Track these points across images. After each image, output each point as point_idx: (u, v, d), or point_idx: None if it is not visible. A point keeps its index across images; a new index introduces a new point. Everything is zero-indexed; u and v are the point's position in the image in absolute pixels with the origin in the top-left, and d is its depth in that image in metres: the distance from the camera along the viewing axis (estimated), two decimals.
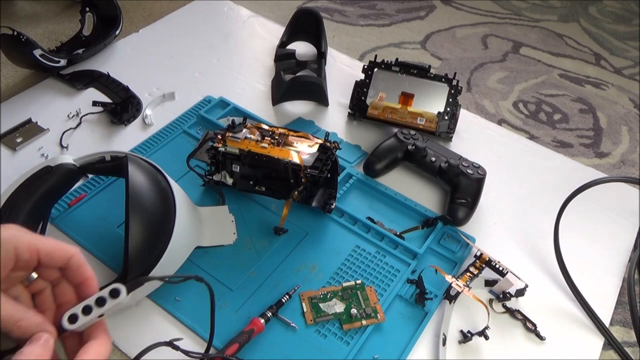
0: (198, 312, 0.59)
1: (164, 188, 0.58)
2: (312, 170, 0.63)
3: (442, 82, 0.82)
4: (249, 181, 0.67)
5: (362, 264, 0.66)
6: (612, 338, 0.62)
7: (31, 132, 0.79)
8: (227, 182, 0.68)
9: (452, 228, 0.70)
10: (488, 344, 0.59)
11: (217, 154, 0.66)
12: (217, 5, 1.10)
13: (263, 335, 0.58)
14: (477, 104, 0.98)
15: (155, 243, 0.55)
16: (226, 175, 0.68)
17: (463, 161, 0.74)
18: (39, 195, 0.60)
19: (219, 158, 0.66)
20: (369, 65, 0.84)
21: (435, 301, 0.62)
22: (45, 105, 0.84)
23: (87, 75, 0.89)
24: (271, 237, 0.67)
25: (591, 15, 1.30)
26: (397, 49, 1.10)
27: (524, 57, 1.13)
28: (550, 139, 0.92)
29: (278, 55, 0.95)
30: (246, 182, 0.67)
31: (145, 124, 0.82)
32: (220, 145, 0.65)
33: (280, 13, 1.13)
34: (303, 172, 0.63)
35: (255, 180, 0.67)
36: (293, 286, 0.62)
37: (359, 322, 0.59)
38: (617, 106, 1.02)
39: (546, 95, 1.02)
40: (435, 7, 1.26)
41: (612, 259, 0.71)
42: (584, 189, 0.69)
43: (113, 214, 0.67)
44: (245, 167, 0.66)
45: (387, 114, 0.82)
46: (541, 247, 0.71)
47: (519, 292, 0.64)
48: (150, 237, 0.55)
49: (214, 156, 0.66)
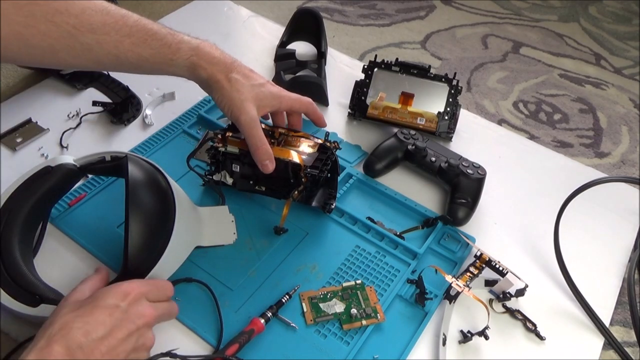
0: (197, 312, 0.59)
1: (164, 188, 0.58)
2: (312, 170, 0.63)
3: (442, 82, 0.82)
4: (249, 181, 0.67)
5: (362, 264, 0.66)
6: (612, 338, 0.62)
7: (31, 132, 0.78)
8: (227, 182, 0.68)
9: (452, 228, 0.70)
10: (488, 344, 0.59)
11: (217, 154, 0.66)
12: (217, 5, 1.10)
13: (263, 335, 0.57)
14: (477, 104, 0.98)
15: (155, 242, 0.55)
16: (226, 175, 0.68)
17: (463, 161, 0.74)
18: (39, 196, 0.60)
19: (219, 158, 0.66)
20: (369, 65, 0.84)
21: (435, 301, 0.62)
22: (45, 105, 0.84)
23: (87, 75, 0.88)
24: (271, 237, 0.67)
25: (591, 15, 1.30)
26: (397, 49, 1.11)
27: (524, 57, 1.13)
28: (550, 139, 0.92)
29: (278, 55, 0.95)
30: (246, 181, 0.67)
31: (145, 124, 0.82)
32: (220, 145, 0.65)
33: (280, 13, 1.13)
34: (303, 171, 0.63)
35: (255, 180, 0.67)
36: (293, 286, 0.62)
37: (359, 322, 0.59)
38: (617, 106, 1.02)
39: (546, 95, 1.02)
40: (435, 7, 1.26)
41: (612, 259, 0.71)
42: (584, 189, 0.69)
43: (113, 214, 0.67)
44: (245, 166, 0.66)
45: (387, 114, 0.82)
46: (541, 247, 0.71)
47: (519, 292, 0.64)
48: (150, 236, 0.55)
49: (214, 156, 0.66)
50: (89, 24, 0.55)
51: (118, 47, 0.57)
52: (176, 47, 0.59)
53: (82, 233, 0.65)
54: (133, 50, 0.57)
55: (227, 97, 0.61)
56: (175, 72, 0.62)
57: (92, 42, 0.55)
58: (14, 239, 0.57)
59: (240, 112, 0.60)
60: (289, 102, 0.66)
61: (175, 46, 0.59)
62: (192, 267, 0.63)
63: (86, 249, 0.64)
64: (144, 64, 0.59)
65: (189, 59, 0.60)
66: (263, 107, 0.62)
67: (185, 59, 0.60)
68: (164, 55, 0.59)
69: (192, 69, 0.61)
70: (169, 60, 0.60)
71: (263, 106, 0.62)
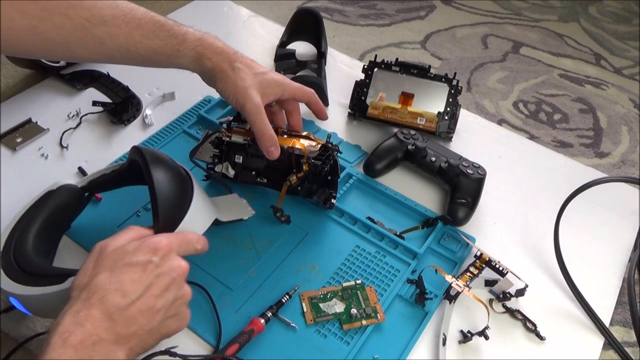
0: (197, 312, 0.59)
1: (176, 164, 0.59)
2: (315, 160, 0.63)
3: (442, 82, 0.82)
4: (252, 172, 0.67)
5: (362, 264, 0.66)
6: (612, 338, 0.62)
7: (31, 132, 0.78)
8: (229, 175, 0.68)
9: (452, 228, 0.70)
10: (488, 344, 0.59)
11: (221, 144, 0.66)
12: (217, 5, 1.10)
13: (263, 335, 0.58)
14: (477, 104, 0.98)
15: (179, 199, 0.54)
16: (228, 167, 0.67)
17: (463, 161, 0.74)
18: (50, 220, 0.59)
19: (223, 148, 0.66)
20: (369, 65, 0.84)
21: (435, 301, 0.62)
22: (45, 105, 0.84)
23: (87, 75, 0.89)
24: (271, 237, 0.67)
25: (591, 15, 1.30)
26: (397, 49, 1.11)
27: (524, 57, 1.13)
28: (550, 139, 0.92)
29: (278, 55, 0.95)
30: (248, 173, 0.67)
31: (145, 124, 0.82)
32: (224, 135, 0.65)
33: (280, 13, 1.13)
34: (306, 159, 0.63)
35: (257, 172, 0.67)
36: (293, 286, 0.62)
37: (359, 322, 0.59)
38: (617, 106, 1.02)
39: (546, 95, 1.02)
40: (435, 7, 1.26)
41: (612, 259, 0.71)
42: (584, 189, 0.69)
43: (113, 214, 0.67)
44: (248, 157, 0.66)
45: (387, 114, 0.82)
46: (541, 247, 0.71)
47: (519, 292, 0.64)
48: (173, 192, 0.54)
49: (218, 145, 0.66)
50: (101, 16, 0.56)
51: (128, 39, 0.58)
52: (182, 38, 0.61)
53: (82, 233, 0.65)
54: (143, 42, 0.59)
55: (231, 86, 0.62)
56: (181, 64, 0.62)
57: (104, 34, 0.56)
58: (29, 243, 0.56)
59: (245, 99, 0.61)
60: (291, 89, 0.66)
61: (181, 37, 0.61)
62: (192, 267, 0.62)
63: (86, 249, 0.64)
64: (153, 55, 0.60)
65: (195, 49, 0.61)
66: (267, 95, 0.63)
67: (191, 49, 0.61)
68: (172, 46, 0.60)
69: (198, 59, 0.62)
70: (176, 52, 0.61)
71: (267, 94, 0.63)
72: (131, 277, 0.44)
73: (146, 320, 0.44)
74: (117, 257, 0.46)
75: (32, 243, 0.56)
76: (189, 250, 0.51)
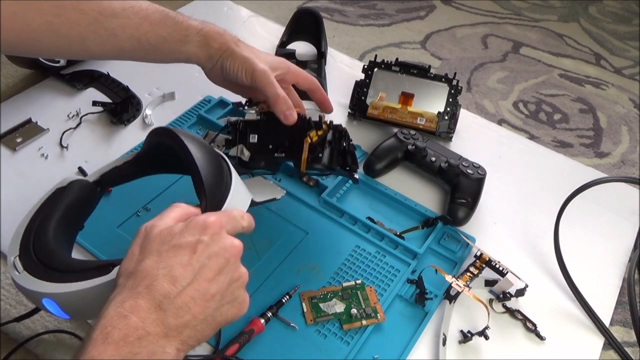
0: None
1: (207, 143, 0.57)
2: (336, 125, 0.63)
3: (442, 82, 0.82)
4: (268, 146, 0.64)
5: (362, 264, 0.66)
6: (612, 338, 0.62)
7: (31, 132, 0.78)
8: (244, 157, 0.64)
9: (452, 228, 0.70)
10: (488, 344, 0.59)
11: (236, 124, 0.64)
12: (217, 5, 1.10)
13: (263, 335, 0.58)
14: (477, 104, 0.98)
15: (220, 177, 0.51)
16: (243, 149, 0.64)
17: (463, 161, 0.74)
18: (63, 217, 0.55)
19: (238, 127, 0.64)
20: (369, 65, 0.84)
21: (435, 301, 0.62)
22: (45, 105, 0.84)
23: (87, 75, 0.89)
24: (271, 237, 0.67)
25: (591, 15, 1.30)
26: (397, 49, 1.11)
27: (524, 57, 1.13)
28: (550, 139, 0.92)
29: (278, 55, 0.95)
30: (265, 149, 0.64)
31: (145, 124, 0.82)
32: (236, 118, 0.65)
33: (280, 13, 1.13)
34: (324, 121, 0.62)
35: (274, 146, 0.64)
36: (293, 286, 0.62)
37: (359, 322, 0.59)
38: (617, 106, 1.02)
39: (546, 95, 1.02)
40: (435, 7, 1.26)
41: (612, 259, 0.71)
42: (584, 189, 0.69)
43: (113, 214, 0.67)
44: (263, 133, 0.64)
45: (387, 114, 0.82)
46: (541, 247, 0.71)
47: (519, 292, 0.64)
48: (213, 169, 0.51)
49: (234, 126, 0.65)
50: (112, 9, 0.57)
51: (139, 29, 0.59)
52: (187, 24, 0.62)
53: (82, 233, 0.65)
54: (152, 31, 0.59)
55: (239, 59, 0.63)
56: (189, 50, 0.63)
57: (116, 26, 0.57)
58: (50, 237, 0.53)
59: (254, 66, 0.62)
60: (295, 70, 0.67)
61: (185, 23, 0.62)
62: None
63: (86, 249, 0.64)
64: (163, 44, 0.61)
65: (200, 33, 0.62)
66: (273, 69, 0.64)
67: (196, 34, 0.62)
68: (179, 32, 0.61)
69: (204, 42, 0.63)
70: (184, 37, 0.62)
71: (273, 67, 0.64)
72: (180, 260, 0.40)
73: (200, 309, 0.40)
74: (163, 239, 0.42)
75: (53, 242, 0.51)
76: (236, 228, 0.46)
